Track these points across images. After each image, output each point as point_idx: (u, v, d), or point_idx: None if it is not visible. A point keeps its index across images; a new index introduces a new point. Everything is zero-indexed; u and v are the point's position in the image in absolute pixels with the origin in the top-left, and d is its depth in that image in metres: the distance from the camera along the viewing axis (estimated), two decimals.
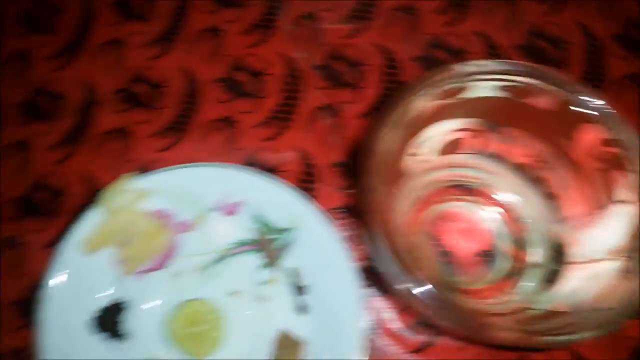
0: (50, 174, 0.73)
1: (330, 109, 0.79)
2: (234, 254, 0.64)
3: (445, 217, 0.70)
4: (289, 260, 0.65)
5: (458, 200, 0.71)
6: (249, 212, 0.66)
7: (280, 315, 0.64)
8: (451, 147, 0.67)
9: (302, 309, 0.64)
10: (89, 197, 0.70)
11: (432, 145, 0.66)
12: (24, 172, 0.73)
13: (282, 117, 0.78)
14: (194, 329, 0.61)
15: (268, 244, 0.66)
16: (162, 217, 0.65)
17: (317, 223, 0.64)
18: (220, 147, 0.76)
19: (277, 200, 0.65)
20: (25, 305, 0.62)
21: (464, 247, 0.69)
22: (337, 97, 0.75)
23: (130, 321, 0.62)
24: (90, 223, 0.62)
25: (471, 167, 0.69)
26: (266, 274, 0.65)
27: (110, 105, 0.74)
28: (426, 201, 0.70)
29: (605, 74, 0.83)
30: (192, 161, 0.67)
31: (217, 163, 0.67)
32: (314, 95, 0.77)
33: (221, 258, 0.66)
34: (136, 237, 0.64)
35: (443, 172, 0.71)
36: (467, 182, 0.70)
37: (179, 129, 0.73)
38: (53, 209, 0.70)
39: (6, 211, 0.71)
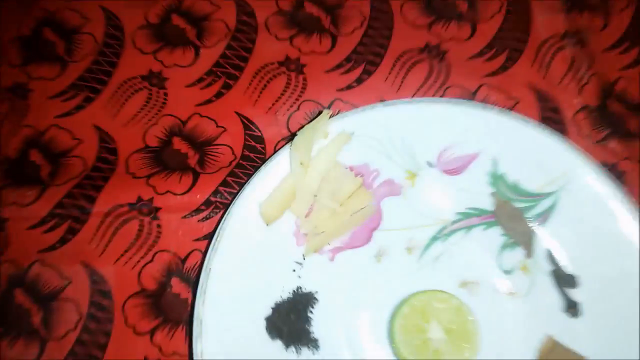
0: None
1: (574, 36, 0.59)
2: (462, 229, 0.48)
3: None
4: (547, 239, 0.46)
5: None
6: (484, 168, 0.48)
7: (541, 316, 0.44)
8: None
9: (570, 308, 0.44)
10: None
11: None
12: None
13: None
14: (433, 333, 0.42)
15: (514, 215, 0.47)
16: (362, 174, 0.48)
17: (593, 185, 0.44)
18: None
19: (529, 150, 0.46)
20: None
21: None
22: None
23: (319, 321, 0.45)
24: (267, 181, 0.46)
25: None
26: (512, 257, 0.47)
27: None
28: None
29: None
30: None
31: (438, 98, 0.50)
32: None
33: (444, 234, 0.48)
34: (327, 201, 0.47)
35: None
36: None
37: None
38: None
39: None
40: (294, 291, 0.47)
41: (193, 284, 0.50)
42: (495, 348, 0.44)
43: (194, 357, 0.43)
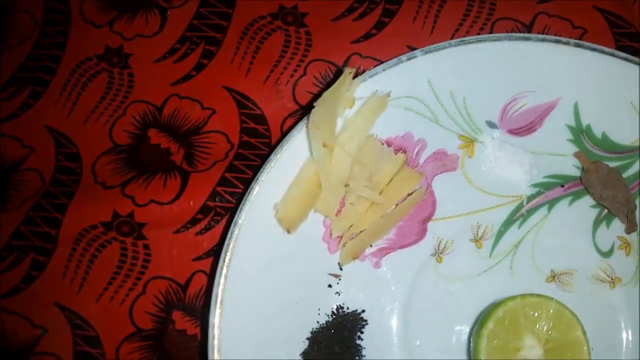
0: None
1: None
2: (542, 205, 0.38)
3: None
4: None
5: None
6: (563, 121, 0.37)
7: None
8: None
9: None
10: None
11: None
12: None
13: None
14: (529, 351, 0.32)
15: (608, 178, 0.37)
16: (404, 149, 0.38)
17: None
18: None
19: (619, 91, 0.36)
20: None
21: None
22: None
23: (372, 349, 0.35)
24: (281, 174, 0.35)
25: None
26: (610, 235, 0.37)
27: None
28: None
29: None
30: None
31: (488, 35, 0.37)
32: None
33: (520, 216, 0.38)
34: (363, 191, 0.36)
35: None
36: None
37: None
38: None
39: None
40: (333, 313, 0.37)
41: (200, 315, 0.40)
42: (610, 357, 0.35)
43: None
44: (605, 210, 0.37)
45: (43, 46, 0.48)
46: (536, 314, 0.33)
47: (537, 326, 0.33)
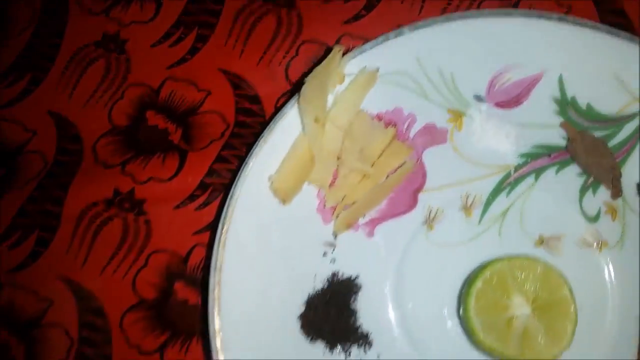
0: None
1: None
2: (529, 174, 0.39)
3: None
4: (636, 171, 0.37)
5: None
6: (548, 93, 0.38)
7: None
8: None
9: None
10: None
11: None
12: None
13: None
14: (518, 310, 0.33)
15: (593, 147, 0.38)
16: (394, 123, 0.38)
17: None
18: None
19: (603, 63, 0.36)
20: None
21: None
22: None
23: (366, 312, 0.37)
24: (275, 148, 0.37)
25: None
26: (596, 201, 0.38)
27: None
28: None
29: None
30: None
31: (476, 11, 0.38)
32: None
33: (507, 184, 0.39)
34: (354, 163, 0.37)
35: None
36: None
37: None
38: None
39: None
40: (328, 280, 0.38)
41: (201, 285, 0.42)
42: (596, 317, 0.36)
43: None
44: (592, 178, 0.38)
45: (42, 34, 0.49)
46: (523, 274, 0.34)
47: (525, 286, 0.34)
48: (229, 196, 0.37)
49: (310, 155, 0.38)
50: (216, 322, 0.35)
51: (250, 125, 0.44)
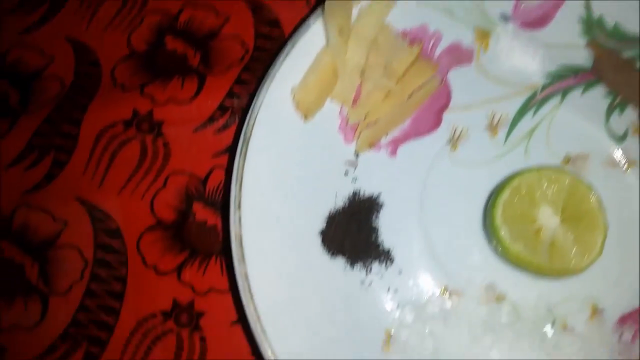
0: None
1: None
2: (555, 94, 0.39)
3: None
4: None
5: None
6: (574, 13, 0.38)
7: None
8: None
9: None
10: None
11: None
12: None
13: None
14: (546, 220, 0.33)
15: (620, 67, 0.38)
16: (419, 40, 0.38)
17: None
18: None
19: None
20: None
21: None
22: None
23: (388, 230, 0.37)
24: (298, 62, 0.36)
25: None
26: (623, 120, 0.38)
27: None
28: None
29: None
30: None
31: None
32: None
33: (534, 104, 0.38)
34: (379, 80, 0.37)
35: None
36: None
37: None
38: None
39: None
40: (350, 198, 0.38)
41: (221, 207, 0.41)
42: (625, 233, 0.35)
43: (242, 293, 0.34)
44: (619, 98, 0.38)
45: None
46: (552, 186, 0.34)
47: (554, 196, 0.34)
48: (251, 108, 0.37)
49: (333, 70, 0.37)
50: (238, 235, 0.34)
51: (269, 50, 0.44)
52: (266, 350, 0.33)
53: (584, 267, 0.34)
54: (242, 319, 0.38)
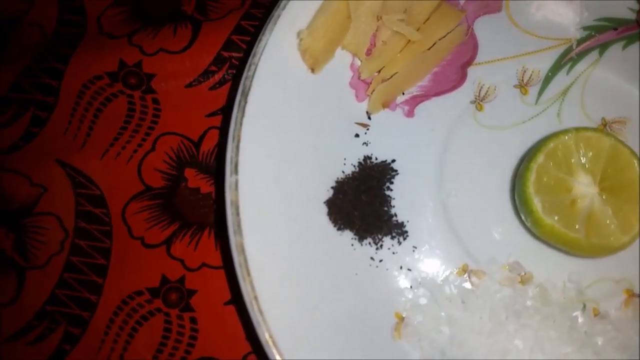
0: None
1: None
2: (593, 49, 0.34)
3: None
4: None
5: None
6: None
7: None
8: None
9: None
10: None
11: None
12: None
13: None
14: (583, 189, 0.29)
15: None
16: None
17: None
18: None
19: None
20: None
21: None
22: None
23: (402, 200, 0.32)
24: (305, 4, 0.32)
25: None
26: None
27: None
28: None
29: None
30: None
31: None
32: None
33: (569, 60, 0.34)
34: (397, 26, 0.32)
35: None
36: None
37: None
38: None
39: None
40: (360, 163, 0.33)
41: (215, 172, 0.37)
42: None
43: (237, 268, 0.30)
44: None
45: None
46: (591, 150, 0.29)
47: (592, 163, 0.29)
48: (251, 55, 0.32)
49: (345, 13, 0.32)
50: (234, 203, 0.29)
51: None
52: (263, 333, 0.28)
53: (624, 245, 0.29)
54: (236, 298, 0.34)
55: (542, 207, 0.29)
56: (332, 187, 0.33)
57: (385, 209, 0.33)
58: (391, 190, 0.33)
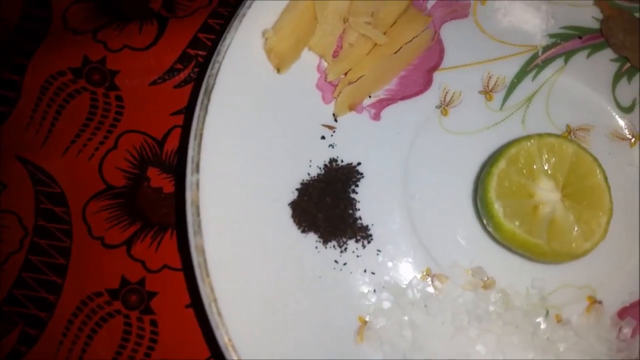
0: None
1: None
2: (558, 57, 0.34)
3: None
4: None
5: None
6: None
7: None
8: None
9: None
10: None
11: None
12: None
13: None
14: (545, 195, 0.29)
15: (631, 28, 0.34)
16: None
17: None
18: None
19: None
20: None
21: None
22: None
23: (367, 203, 0.32)
24: (271, 5, 0.31)
25: None
26: (631, 89, 0.34)
27: None
28: None
29: None
30: None
31: None
32: None
33: (534, 67, 0.34)
34: (364, 29, 0.32)
35: None
36: None
37: None
38: None
39: None
40: (326, 165, 0.33)
41: (178, 172, 0.36)
42: (631, 212, 0.32)
43: (196, 269, 0.29)
44: (627, 64, 0.34)
45: None
46: (554, 156, 0.29)
47: (555, 169, 0.29)
48: (215, 52, 0.31)
49: (312, 14, 0.32)
50: (195, 205, 0.28)
51: None
52: (222, 336, 0.28)
53: (586, 251, 0.29)
54: (197, 301, 0.33)
55: (503, 212, 0.29)
56: (297, 189, 0.32)
57: (350, 211, 0.32)
58: (356, 193, 0.33)
